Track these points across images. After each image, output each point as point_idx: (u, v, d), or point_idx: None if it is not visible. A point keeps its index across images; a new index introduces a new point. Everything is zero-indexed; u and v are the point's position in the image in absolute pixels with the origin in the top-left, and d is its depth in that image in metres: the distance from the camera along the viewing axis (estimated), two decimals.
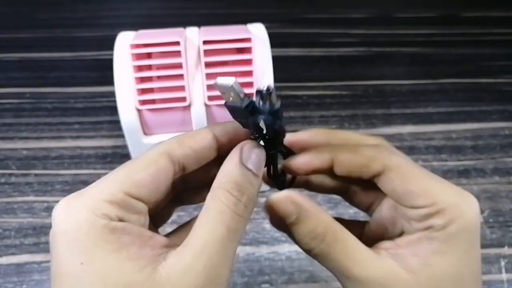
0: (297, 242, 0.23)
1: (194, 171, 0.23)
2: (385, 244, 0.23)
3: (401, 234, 0.23)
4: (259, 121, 0.22)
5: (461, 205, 0.22)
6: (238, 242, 0.21)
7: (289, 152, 0.25)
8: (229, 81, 0.20)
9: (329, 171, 0.24)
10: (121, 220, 0.19)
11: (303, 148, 0.25)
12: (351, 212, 0.51)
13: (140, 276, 0.18)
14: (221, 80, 0.20)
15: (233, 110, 0.22)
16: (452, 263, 0.21)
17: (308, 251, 0.23)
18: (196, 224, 0.20)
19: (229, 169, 0.21)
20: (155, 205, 0.22)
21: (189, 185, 0.26)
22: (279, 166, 0.25)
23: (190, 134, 0.23)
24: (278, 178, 0.25)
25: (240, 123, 0.23)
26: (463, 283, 0.21)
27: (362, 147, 0.24)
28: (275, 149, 0.24)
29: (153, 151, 0.22)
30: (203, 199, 0.21)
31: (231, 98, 0.21)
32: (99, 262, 0.18)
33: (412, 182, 0.22)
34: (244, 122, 0.22)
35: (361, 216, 0.29)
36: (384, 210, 0.25)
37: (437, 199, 0.21)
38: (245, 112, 0.21)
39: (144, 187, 0.20)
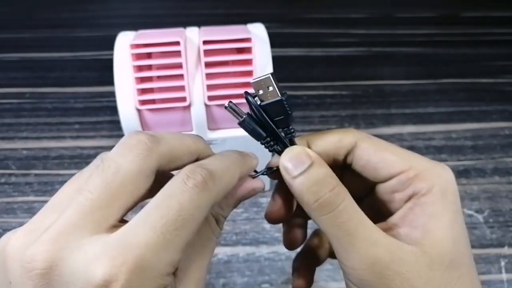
0: (303, 193, 0.21)
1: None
2: (380, 226, 0.22)
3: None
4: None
5: (437, 168, 0.22)
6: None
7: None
8: (265, 75, 0.21)
9: None
10: None
11: None
12: None
13: None
14: (257, 78, 0.22)
15: (271, 108, 0.22)
16: (449, 225, 0.21)
17: (313, 202, 0.21)
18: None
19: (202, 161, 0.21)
20: None
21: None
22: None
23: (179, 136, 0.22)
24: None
25: (269, 127, 0.23)
26: (462, 245, 0.21)
27: (333, 130, 0.24)
28: None
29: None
30: None
31: (269, 95, 0.22)
32: None
33: (385, 149, 0.23)
34: (280, 120, 0.23)
35: None
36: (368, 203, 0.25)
37: (412, 164, 0.22)
38: (284, 104, 0.22)
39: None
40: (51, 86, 0.71)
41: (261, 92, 0.22)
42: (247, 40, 0.41)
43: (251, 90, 0.23)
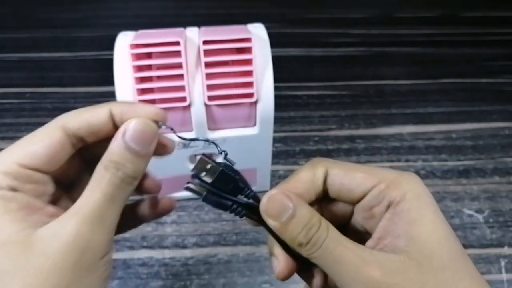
0: (294, 237, 0.22)
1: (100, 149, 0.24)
2: (369, 244, 0.23)
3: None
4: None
5: (405, 176, 0.23)
6: (117, 210, 0.22)
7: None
8: (198, 159, 0.24)
9: None
10: (13, 189, 0.21)
11: None
12: None
13: (18, 236, 0.20)
14: (193, 167, 0.24)
15: (220, 181, 0.24)
16: (430, 228, 0.22)
17: (305, 244, 0.22)
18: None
19: (111, 147, 0.23)
20: (62, 175, 0.24)
21: None
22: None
23: (88, 108, 0.24)
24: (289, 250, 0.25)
25: (229, 199, 0.24)
26: (449, 243, 0.22)
27: (301, 168, 0.25)
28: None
29: (50, 124, 0.23)
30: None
31: (210, 173, 0.24)
32: None
33: (354, 170, 0.24)
34: (233, 187, 0.24)
35: None
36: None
37: (381, 177, 0.23)
38: (227, 172, 0.24)
39: (39, 158, 0.22)
40: (51, 86, 0.71)
41: (203, 174, 0.24)
42: (247, 40, 0.41)
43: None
